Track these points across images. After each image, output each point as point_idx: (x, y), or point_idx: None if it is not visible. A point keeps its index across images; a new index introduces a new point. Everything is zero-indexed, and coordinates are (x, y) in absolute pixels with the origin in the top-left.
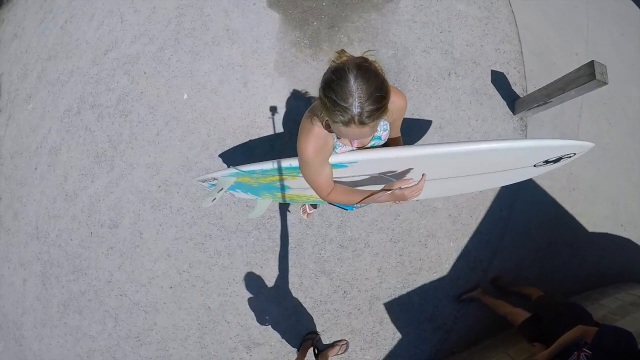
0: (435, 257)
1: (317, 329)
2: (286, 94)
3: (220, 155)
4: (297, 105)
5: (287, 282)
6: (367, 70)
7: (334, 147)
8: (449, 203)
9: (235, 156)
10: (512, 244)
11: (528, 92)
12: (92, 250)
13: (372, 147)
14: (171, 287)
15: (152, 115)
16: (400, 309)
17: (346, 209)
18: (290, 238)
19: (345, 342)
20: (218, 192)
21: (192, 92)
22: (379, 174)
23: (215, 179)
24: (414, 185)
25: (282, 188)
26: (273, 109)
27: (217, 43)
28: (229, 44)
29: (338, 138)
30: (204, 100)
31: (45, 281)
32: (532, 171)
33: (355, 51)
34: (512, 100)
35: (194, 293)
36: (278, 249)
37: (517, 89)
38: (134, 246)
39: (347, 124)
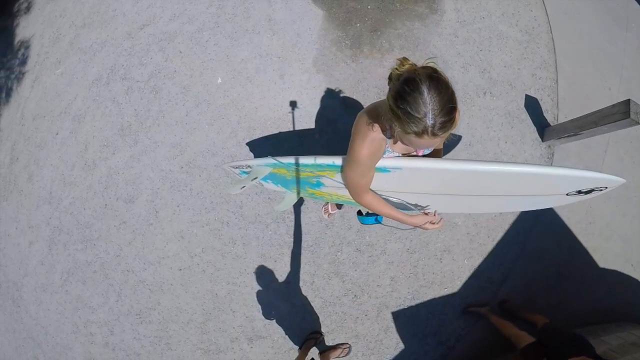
0: (448, 273)
1: (322, 330)
2: (321, 92)
3: (247, 144)
4: (332, 104)
5: (298, 279)
6: (439, 81)
7: (383, 152)
8: (469, 221)
9: (263, 147)
10: (524, 269)
11: (559, 121)
12: (104, 222)
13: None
14: (180, 270)
15: (183, 95)
16: (407, 320)
17: (379, 222)
18: (308, 236)
19: (348, 345)
20: (251, 180)
21: (226, 77)
22: (406, 202)
23: (249, 166)
24: (438, 224)
25: (316, 184)
26: (307, 105)
27: (258, 32)
28: (269, 34)
29: (394, 143)
30: (238, 87)
31: (52, 246)
32: (563, 199)
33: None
34: (542, 127)
35: (203, 278)
36: (294, 245)
37: (549, 117)
38: (148, 224)
39: (420, 135)
